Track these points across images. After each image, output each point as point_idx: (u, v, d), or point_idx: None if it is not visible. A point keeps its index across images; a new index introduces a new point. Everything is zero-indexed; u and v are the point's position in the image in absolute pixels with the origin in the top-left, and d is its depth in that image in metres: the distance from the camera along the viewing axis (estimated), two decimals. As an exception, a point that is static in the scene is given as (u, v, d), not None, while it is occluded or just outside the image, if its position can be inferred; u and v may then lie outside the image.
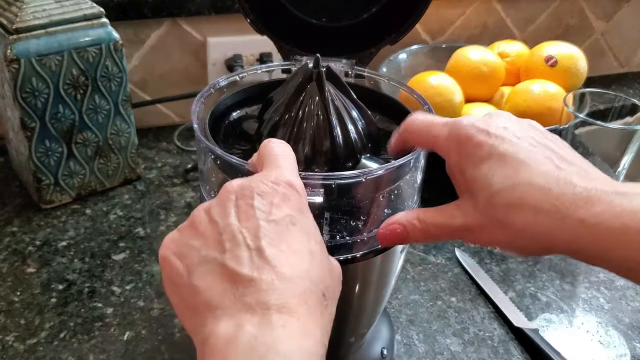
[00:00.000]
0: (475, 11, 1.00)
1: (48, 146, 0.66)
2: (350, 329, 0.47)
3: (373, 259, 0.41)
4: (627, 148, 0.58)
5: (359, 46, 0.49)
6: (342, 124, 0.41)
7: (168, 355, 0.53)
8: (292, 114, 0.40)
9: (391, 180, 0.40)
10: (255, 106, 0.47)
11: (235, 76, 0.46)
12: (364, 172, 0.37)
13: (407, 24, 0.48)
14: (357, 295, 0.44)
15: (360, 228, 0.41)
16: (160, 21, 0.82)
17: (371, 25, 0.48)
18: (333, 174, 0.36)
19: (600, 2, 1.08)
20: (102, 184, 0.73)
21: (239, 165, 0.36)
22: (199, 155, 0.44)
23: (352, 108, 0.42)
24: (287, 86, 0.42)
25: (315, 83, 0.40)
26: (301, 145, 0.40)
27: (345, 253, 0.39)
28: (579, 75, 0.81)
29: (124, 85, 0.69)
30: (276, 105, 0.41)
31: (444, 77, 0.79)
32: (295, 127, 0.40)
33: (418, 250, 0.67)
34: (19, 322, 0.55)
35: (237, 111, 0.47)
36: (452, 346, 0.56)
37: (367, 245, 0.40)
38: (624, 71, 1.18)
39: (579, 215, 0.30)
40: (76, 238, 0.66)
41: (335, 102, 0.41)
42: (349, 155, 0.41)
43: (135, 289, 0.60)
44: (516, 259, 0.67)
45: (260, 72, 0.48)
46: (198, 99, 0.42)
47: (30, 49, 0.61)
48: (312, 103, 0.40)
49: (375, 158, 0.43)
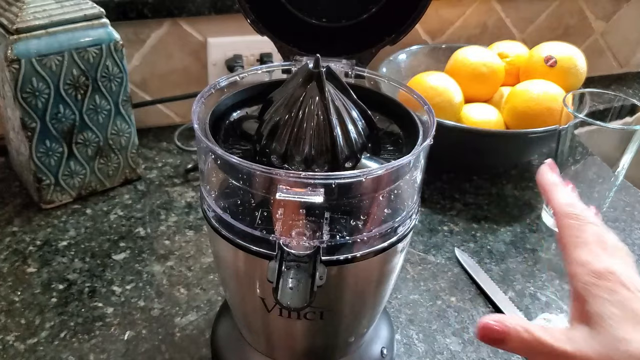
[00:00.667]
0: (474, 11, 1.00)
1: (48, 146, 0.67)
2: (350, 329, 0.47)
3: (373, 259, 0.41)
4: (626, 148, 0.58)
5: (359, 46, 0.49)
6: (342, 124, 0.41)
7: (168, 355, 0.53)
8: (293, 114, 0.40)
9: (391, 180, 0.40)
10: (256, 106, 0.47)
11: (235, 76, 0.46)
12: (363, 172, 0.37)
13: (407, 24, 0.48)
14: (357, 295, 0.44)
15: (360, 228, 0.41)
16: (160, 21, 0.83)
17: (371, 25, 0.49)
18: (333, 174, 0.37)
19: (600, 3, 1.08)
20: (103, 184, 0.73)
21: (238, 164, 0.37)
22: (200, 155, 0.44)
23: (352, 108, 0.42)
24: (287, 86, 0.42)
25: (315, 83, 0.40)
26: (301, 145, 0.40)
27: (345, 253, 0.39)
28: (579, 76, 0.81)
29: (125, 85, 0.69)
30: (276, 106, 0.42)
31: (443, 77, 0.79)
32: (295, 127, 0.40)
33: (418, 250, 0.67)
34: (19, 321, 0.55)
35: (237, 111, 0.47)
36: (452, 346, 0.56)
37: (367, 245, 0.40)
38: (624, 71, 1.18)
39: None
40: (77, 238, 0.66)
41: (335, 102, 0.41)
42: (349, 155, 0.41)
43: (136, 289, 0.60)
44: (515, 258, 0.67)
45: (260, 72, 0.48)
46: (198, 99, 0.42)
47: (30, 49, 0.61)
48: (313, 103, 0.40)
49: (375, 158, 0.43)
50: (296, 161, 0.40)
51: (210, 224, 0.42)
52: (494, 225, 0.72)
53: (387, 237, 0.41)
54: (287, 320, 0.43)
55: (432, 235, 0.70)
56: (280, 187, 0.36)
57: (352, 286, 0.43)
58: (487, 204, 0.76)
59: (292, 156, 0.40)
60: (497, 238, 0.70)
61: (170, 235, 0.67)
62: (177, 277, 0.62)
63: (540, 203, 0.77)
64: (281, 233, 0.37)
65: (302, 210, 0.38)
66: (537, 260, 0.67)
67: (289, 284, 0.36)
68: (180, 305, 0.58)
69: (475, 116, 0.78)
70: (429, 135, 0.40)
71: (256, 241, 0.39)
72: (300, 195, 0.36)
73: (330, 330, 0.46)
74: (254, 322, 0.47)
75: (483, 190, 0.79)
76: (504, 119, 0.79)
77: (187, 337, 0.55)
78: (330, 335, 0.46)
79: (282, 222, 0.38)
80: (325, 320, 0.43)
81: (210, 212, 0.42)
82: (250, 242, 0.40)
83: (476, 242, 0.69)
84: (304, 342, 0.47)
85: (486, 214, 0.74)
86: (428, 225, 0.71)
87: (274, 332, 0.47)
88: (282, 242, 0.37)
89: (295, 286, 0.36)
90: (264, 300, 0.42)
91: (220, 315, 0.55)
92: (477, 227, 0.72)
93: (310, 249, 0.37)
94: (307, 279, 0.36)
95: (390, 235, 0.41)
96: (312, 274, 0.36)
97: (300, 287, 0.36)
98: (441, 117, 0.74)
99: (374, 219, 0.41)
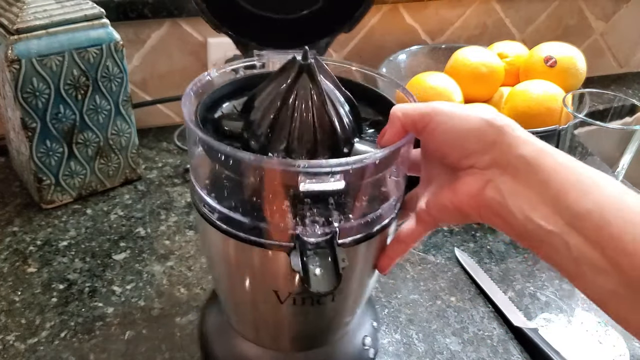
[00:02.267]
0: (474, 12, 1.00)
1: (49, 146, 0.67)
2: (351, 309, 0.48)
3: (358, 246, 0.42)
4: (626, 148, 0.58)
5: (315, 37, 0.50)
6: (336, 111, 0.42)
7: (168, 355, 0.53)
8: (289, 109, 0.41)
9: (393, 160, 0.41)
10: (235, 101, 0.48)
11: (207, 77, 0.47)
12: (375, 153, 0.39)
13: (359, 12, 0.49)
14: (365, 273, 0.45)
15: (367, 208, 0.41)
16: (160, 21, 0.83)
17: (324, 16, 0.50)
18: (352, 160, 0.38)
19: (600, 3, 1.08)
20: (103, 184, 0.74)
21: (252, 160, 0.37)
22: (190, 146, 0.44)
23: (338, 94, 0.43)
24: (274, 82, 0.43)
25: (306, 75, 0.40)
26: (305, 137, 0.41)
27: (355, 234, 0.41)
28: (578, 76, 0.81)
29: (125, 85, 0.69)
30: (268, 101, 0.42)
31: (443, 77, 0.79)
32: (296, 121, 0.40)
33: (418, 250, 0.67)
34: (19, 321, 0.56)
35: (225, 103, 0.48)
36: (452, 345, 0.56)
37: (376, 223, 0.41)
38: (623, 71, 1.18)
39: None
40: (77, 238, 0.66)
41: (327, 91, 0.41)
42: (346, 140, 0.42)
43: (136, 289, 0.60)
44: (515, 258, 0.67)
45: (228, 71, 0.49)
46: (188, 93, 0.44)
47: (31, 49, 0.61)
48: (307, 94, 0.40)
49: (363, 142, 0.44)
50: (299, 153, 0.41)
51: (215, 226, 0.42)
52: (493, 225, 0.72)
53: (388, 214, 0.43)
54: (299, 308, 0.44)
55: (432, 235, 0.70)
56: (301, 178, 0.37)
57: (363, 265, 0.44)
58: (487, 204, 0.76)
59: (295, 149, 0.41)
60: (497, 238, 0.70)
61: (170, 235, 0.67)
62: (177, 277, 0.62)
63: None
64: (295, 223, 0.38)
65: (307, 200, 0.39)
66: (537, 260, 0.67)
67: (314, 271, 0.37)
68: (180, 305, 0.58)
69: (475, 116, 0.78)
70: None
71: (269, 236, 0.40)
72: (323, 184, 0.37)
73: (333, 313, 0.47)
74: (255, 314, 0.47)
75: (483, 190, 0.79)
76: (504, 119, 0.79)
77: (187, 337, 0.55)
78: (331, 317, 0.47)
79: (294, 213, 0.39)
80: (336, 303, 0.44)
81: (215, 214, 0.41)
82: (263, 237, 0.40)
83: (476, 242, 0.69)
84: (304, 328, 0.47)
85: (486, 214, 0.74)
86: (428, 225, 0.72)
87: (277, 322, 0.47)
88: (299, 232, 0.38)
89: (321, 272, 0.37)
90: (277, 292, 0.42)
91: (208, 306, 0.56)
92: (477, 227, 0.72)
93: (324, 235, 0.38)
94: (331, 264, 0.37)
95: (391, 212, 0.43)
96: (334, 258, 0.38)
97: (327, 272, 0.37)
98: (441, 117, 0.74)
99: (380, 198, 0.43)
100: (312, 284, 0.37)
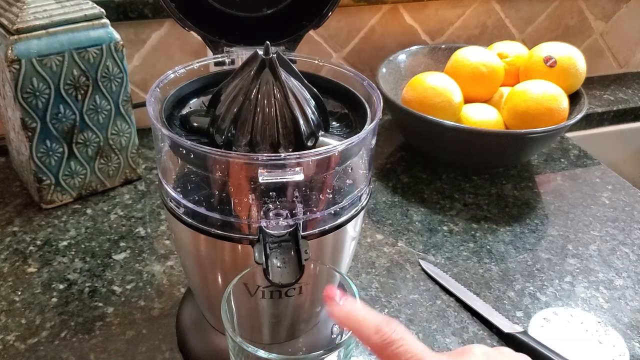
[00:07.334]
0: (474, 12, 1.01)
1: (49, 146, 0.67)
2: (306, 308, 0.48)
3: (345, 227, 0.42)
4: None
5: (285, 32, 0.51)
6: (299, 105, 0.42)
7: (169, 355, 0.53)
8: (252, 103, 0.41)
9: (355, 152, 0.42)
10: (203, 97, 0.48)
11: (171, 74, 0.48)
12: (336, 145, 0.40)
13: (327, 8, 0.50)
14: (332, 264, 0.45)
15: (329, 200, 0.42)
16: (160, 22, 0.83)
17: (292, 12, 0.50)
18: (312, 152, 0.39)
19: (600, 3, 1.08)
20: (103, 184, 0.74)
21: (214, 154, 0.38)
22: (160, 151, 0.45)
23: (303, 90, 0.44)
24: (238, 77, 0.43)
25: (268, 69, 0.41)
26: (268, 130, 0.41)
27: (320, 226, 0.41)
28: (578, 76, 0.81)
29: (125, 85, 0.69)
30: (231, 97, 0.42)
31: (443, 77, 0.80)
32: (259, 115, 0.41)
33: (418, 250, 0.67)
34: (19, 321, 0.56)
35: (192, 100, 0.49)
36: (452, 345, 0.56)
37: (338, 215, 0.42)
38: (623, 71, 1.18)
39: None
40: (77, 238, 0.66)
41: (290, 85, 0.42)
42: (309, 134, 0.43)
43: (136, 289, 0.60)
44: (515, 258, 0.67)
45: (196, 67, 0.50)
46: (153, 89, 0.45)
47: (31, 49, 0.61)
48: (269, 89, 0.41)
49: (329, 135, 0.45)
50: (262, 147, 0.42)
51: (182, 221, 0.42)
52: (493, 225, 0.72)
53: (353, 206, 0.44)
54: (268, 301, 0.44)
55: (432, 235, 0.70)
56: (260, 171, 0.37)
57: (329, 257, 0.45)
58: (487, 204, 0.76)
59: (258, 143, 0.41)
60: (497, 238, 0.70)
61: (170, 235, 0.67)
62: (177, 276, 0.62)
63: (540, 203, 0.77)
64: (259, 216, 0.39)
65: (272, 193, 0.40)
66: (537, 260, 0.67)
67: (277, 264, 0.38)
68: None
69: (475, 116, 0.79)
70: (377, 107, 0.43)
71: (235, 229, 0.40)
72: (282, 176, 0.38)
73: (303, 304, 0.47)
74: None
75: (483, 190, 0.79)
76: (504, 119, 0.79)
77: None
78: (302, 309, 0.47)
79: (258, 206, 0.39)
80: (303, 295, 0.45)
81: (181, 208, 0.42)
82: (230, 231, 0.41)
83: (476, 242, 0.69)
84: (276, 319, 0.48)
85: (486, 214, 0.74)
86: (428, 225, 0.72)
87: (249, 314, 0.47)
88: (262, 225, 0.39)
89: (283, 264, 0.38)
90: (247, 285, 0.43)
91: (184, 301, 0.57)
92: (476, 227, 0.72)
93: (288, 227, 0.39)
94: (293, 256, 0.38)
95: (356, 203, 0.44)
96: (297, 250, 0.38)
97: (289, 264, 0.38)
98: (441, 117, 0.74)
99: (340, 191, 0.43)
100: (274, 276, 0.37)
